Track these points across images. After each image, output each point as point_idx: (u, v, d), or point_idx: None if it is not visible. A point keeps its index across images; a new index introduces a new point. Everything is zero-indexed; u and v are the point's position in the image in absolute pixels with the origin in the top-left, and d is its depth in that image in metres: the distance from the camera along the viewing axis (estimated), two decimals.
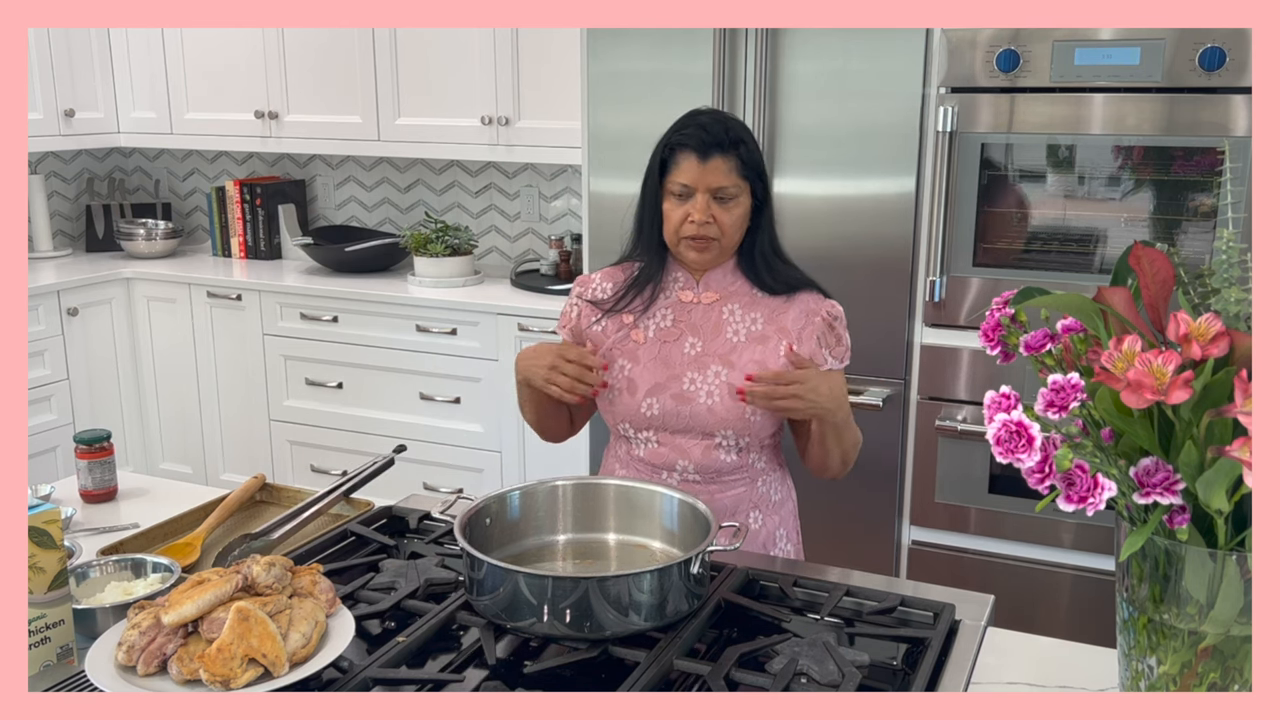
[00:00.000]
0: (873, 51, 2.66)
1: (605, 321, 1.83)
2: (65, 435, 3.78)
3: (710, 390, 1.75)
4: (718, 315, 1.80)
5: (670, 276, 1.83)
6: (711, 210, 1.71)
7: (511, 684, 1.29)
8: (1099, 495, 0.99)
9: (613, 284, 1.86)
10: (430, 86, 3.65)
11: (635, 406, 1.78)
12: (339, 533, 1.67)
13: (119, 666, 1.22)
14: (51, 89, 3.94)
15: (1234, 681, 1.07)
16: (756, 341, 1.78)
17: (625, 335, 1.82)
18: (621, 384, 1.79)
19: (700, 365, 1.77)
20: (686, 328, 1.80)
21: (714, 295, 1.81)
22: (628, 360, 1.80)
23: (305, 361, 3.77)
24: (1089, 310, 1.10)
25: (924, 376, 2.77)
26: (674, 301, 1.82)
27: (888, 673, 1.35)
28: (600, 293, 1.86)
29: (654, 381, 1.78)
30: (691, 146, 1.71)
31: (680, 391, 1.76)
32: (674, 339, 1.80)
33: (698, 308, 1.81)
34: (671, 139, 1.75)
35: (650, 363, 1.79)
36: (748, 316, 1.79)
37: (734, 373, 1.76)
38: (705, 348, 1.78)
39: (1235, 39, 2.36)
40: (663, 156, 1.75)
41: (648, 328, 1.81)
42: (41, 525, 1.28)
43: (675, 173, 1.73)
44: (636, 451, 1.82)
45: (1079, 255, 2.58)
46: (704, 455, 1.77)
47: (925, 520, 2.83)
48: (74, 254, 4.36)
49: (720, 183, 1.71)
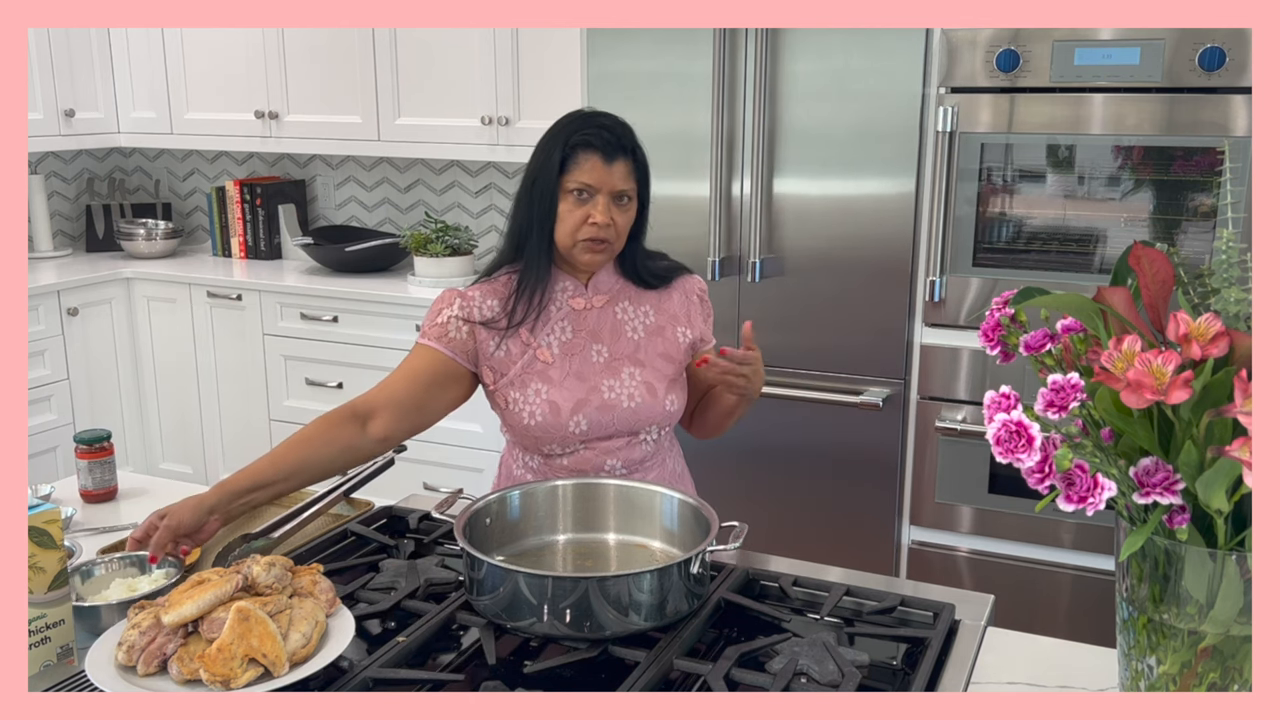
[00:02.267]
0: (873, 51, 2.67)
1: (507, 343, 1.75)
2: (65, 435, 3.78)
3: (630, 393, 1.77)
4: (613, 317, 1.81)
5: (558, 286, 1.78)
6: (610, 212, 1.71)
7: (511, 684, 1.29)
8: (1099, 495, 0.99)
9: (497, 300, 1.76)
10: (430, 86, 3.65)
11: (563, 427, 1.73)
12: (339, 533, 1.67)
13: (119, 666, 1.22)
14: (51, 89, 3.94)
15: (1234, 681, 1.07)
16: (655, 334, 1.82)
17: (532, 357, 1.75)
18: (543, 408, 1.73)
19: (613, 371, 1.77)
20: (588, 336, 1.78)
21: (604, 298, 1.81)
22: (542, 383, 1.74)
23: (305, 361, 3.77)
24: (1089, 310, 1.10)
25: (924, 376, 2.77)
26: (567, 311, 1.78)
27: (888, 673, 1.35)
28: (487, 310, 1.76)
29: (575, 399, 1.74)
30: (597, 147, 1.68)
31: (602, 401, 1.75)
32: (580, 350, 1.77)
33: (592, 313, 1.80)
34: (572, 139, 1.69)
35: (565, 380, 1.75)
36: (639, 311, 1.83)
37: (645, 370, 1.79)
38: (611, 351, 1.79)
39: (1235, 39, 2.36)
40: (562, 155, 1.69)
41: (551, 345, 1.76)
42: (41, 525, 1.28)
43: (576, 172, 1.69)
44: (559, 461, 1.79)
45: (1079, 255, 2.58)
46: (629, 451, 1.80)
47: (925, 520, 2.84)
48: (74, 254, 4.36)
49: (621, 185, 1.71)
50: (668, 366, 1.81)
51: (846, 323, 2.81)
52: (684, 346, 1.84)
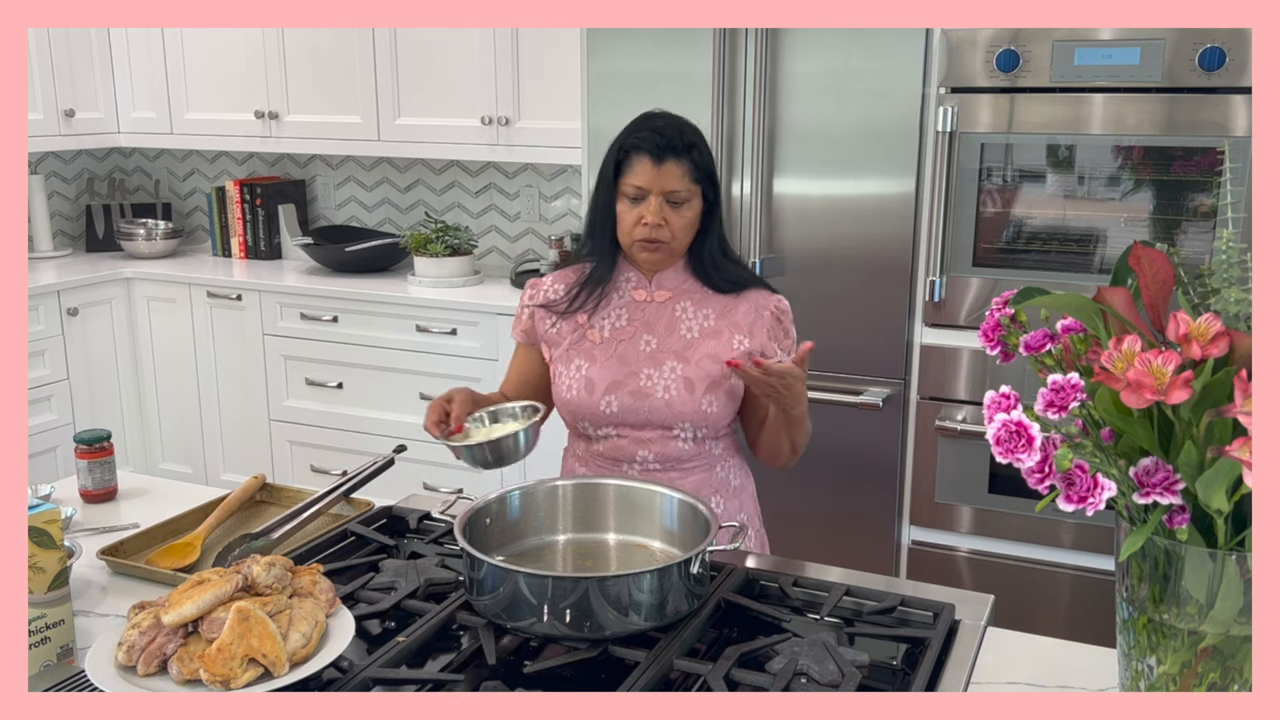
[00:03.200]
0: (873, 51, 2.67)
1: (561, 323, 1.86)
2: (65, 435, 3.78)
3: (667, 385, 1.79)
4: (671, 313, 1.84)
5: (623, 276, 1.86)
6: (664, 213, 1.75)
7: (511, 684, 1.29)
8: (1099, 495, 0.99)
9: (564, 286, 1.88)
10: (430, 86, 3.65)
11: (594, 404, 1.81)
12: (339, 533, 1.67)
13: (119, 666, 1.22)
14: (51, 89, 3.94)
15: (1234, 681, 1.07)
16: (710, 336, 1.82)
17: (581, 335, 1.85)
18: (580, 383, 1.82)
19: (656, 361, 1.81)
20: (641, 325, 1.83)
21: (666, 294, 1.84)
22: (585, 360, 1.83)
23: (305, 361, 3.77)
24: (1089, 310, 1.10)
25: (924, 376, 2.77)
26: (628, 301, 1.85)
27: (888, 673, 1.35)
28: (552, 294, 1.89)
29: (611, 379, 1.81)
30: (646, 150, 1.74)
31: (637, 388, 1.80)
32: (629, 337, 1.83)
33: (651, 306, 1.84)
34: (626, 142, 1.77)
35: (607, 361, 1.82)
36: (700, 313, 1.83)
37: (688, 366, 1.80)
38: (660, 344, 1.82)
39: (1235, 39, 2.36)
40: (617, 159, 1.78)
41: (603, 327, 1.84)
42: (41, 525, 1.28)
43: (629, 175, 1.76)
44: (596, 447, 1.85)
45: (1079, 255, 2.58)
46: (663, 446, 1.81)
47: (925, 520, 2.84)
48: (74, 254, 4.36)
49: (673, 186, 1.74)
50: (713, 367, 1.80)
51: (846, 323, 2.81)
52: (736, 354, 1.81)
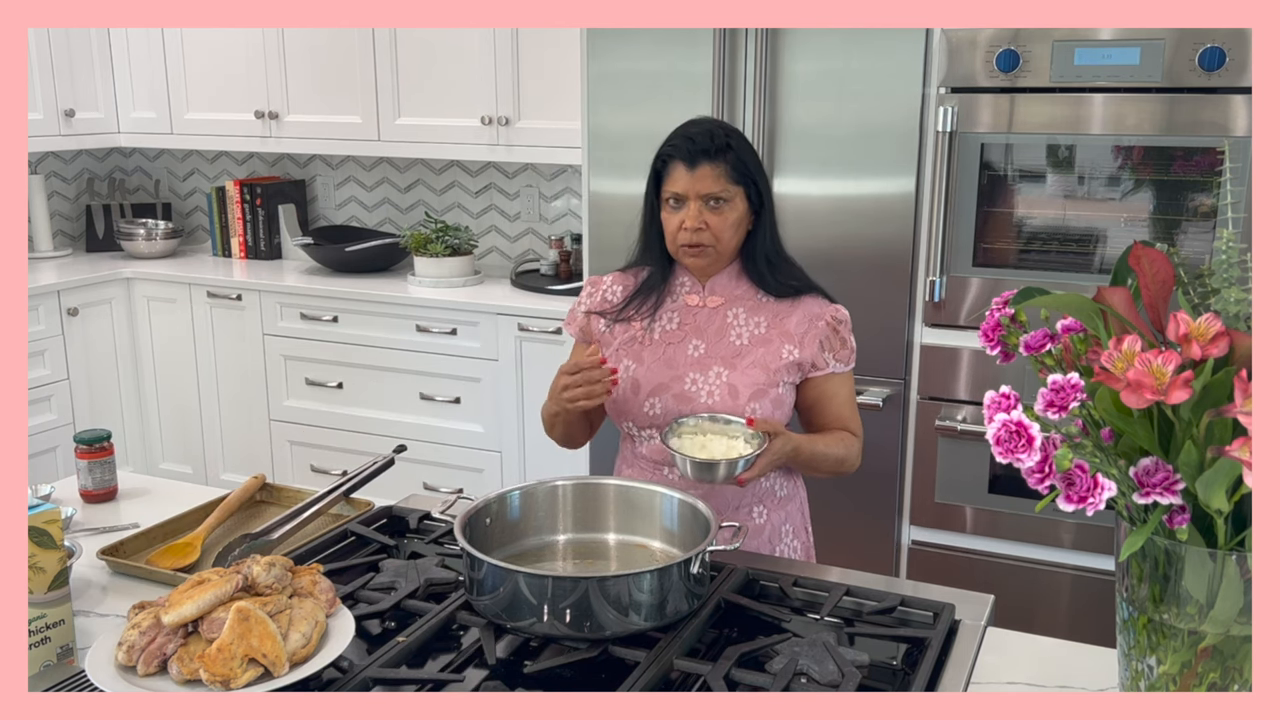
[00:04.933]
0: (873, 51, 2.66)
1: (614, 324, 1.88)
2: (65, 435, 3.78)
3: (711, 390, 1.78)
4: (722, 319, 1.83)
5: (677, 281, 1.87)
6: (704, 216, 1.75)
7: (511, 684, 1.29)
8: (1099, 495, 0.99)
9: (623, 288, 1.90)
10: (430, 86, 3.65)
11: (638, 406, 1.81)
12: (339, 533, 1.67)
13: (119, 666, 1.22)
14: (51, 89, 3.94)
15: (1234, 681, 1.07)
16: (759, 344, 1.80)
17: (631, 337, 1.86)
18: (626, 384, 1.82)
19: (702, 367, 1.80)
20: (691, 330, 1.83)
21: (719, 299, 1.84)
22: (632, 361, 1.83)
23: (305, 361, 3.77)
24: (1089, 310, 1.10)
25: (924, 376, 2.77)
26: (680, 305, 1.86)
27: (888, 673, 1.35)
28: (611, 295, 1.90)
29: (657, 382, 1.80)
30: (679, 156, 1.76)
31: (682, 391, 1.79)
32: (678, 340, 1.83)
33: (703, 311, 1.84)
34: (662, 150, 1.79)
35: (654, 364, 1.82)
36: (751, 320, 1.82)
37: (735, 374, 1.78)
38: (709, 350, 1.81)
39: (1235, 39, 2.36)
40: (657, 168, 1.80)
41: (653, 331, 1.85)
42: (41, 525, 1.28)
43: (668, 182, 1.77)
44: (640, 449, 1.85)
45: (1079, 255, 2.58)
46: None
47: (925, 520, 2.84)
48: (74, 254, 4.36)
49: (710, 189, 1.74)
50: (760, 375, 1.78)
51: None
52: (785, 363, 1.79)
